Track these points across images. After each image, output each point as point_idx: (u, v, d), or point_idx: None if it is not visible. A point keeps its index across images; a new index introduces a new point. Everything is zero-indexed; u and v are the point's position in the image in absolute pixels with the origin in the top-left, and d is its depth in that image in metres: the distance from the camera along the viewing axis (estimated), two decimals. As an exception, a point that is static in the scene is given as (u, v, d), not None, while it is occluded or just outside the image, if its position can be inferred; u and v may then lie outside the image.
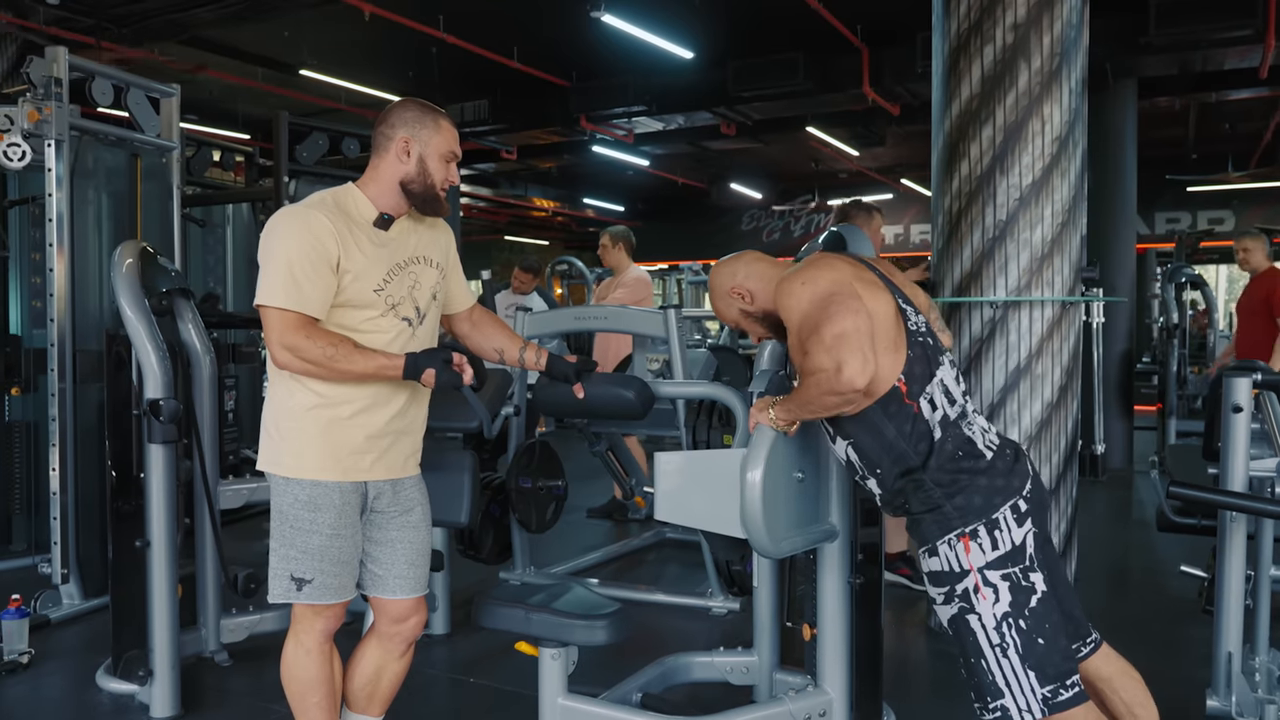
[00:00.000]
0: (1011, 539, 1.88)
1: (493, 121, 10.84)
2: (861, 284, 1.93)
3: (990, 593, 1.87)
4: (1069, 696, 1.85)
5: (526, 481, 3.76)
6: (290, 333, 1.98)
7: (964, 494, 1.89)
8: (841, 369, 1.83)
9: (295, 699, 2.18)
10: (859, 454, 2.01)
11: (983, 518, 1.88)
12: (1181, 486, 2.34)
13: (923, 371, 1.93)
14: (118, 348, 2.98)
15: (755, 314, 2.16)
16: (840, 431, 2.03)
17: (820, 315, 1.88)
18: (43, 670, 3.25)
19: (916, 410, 1.92)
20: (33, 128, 3.65)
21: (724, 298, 2.19)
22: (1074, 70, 3.34)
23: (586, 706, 2.23)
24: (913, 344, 1.94)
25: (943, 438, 1.92)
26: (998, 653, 1.87)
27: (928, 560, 1.96)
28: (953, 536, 1.90)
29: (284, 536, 2.08)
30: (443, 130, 2.13)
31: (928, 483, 1.91)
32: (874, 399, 1.92)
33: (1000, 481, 1.90)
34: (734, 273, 2.17)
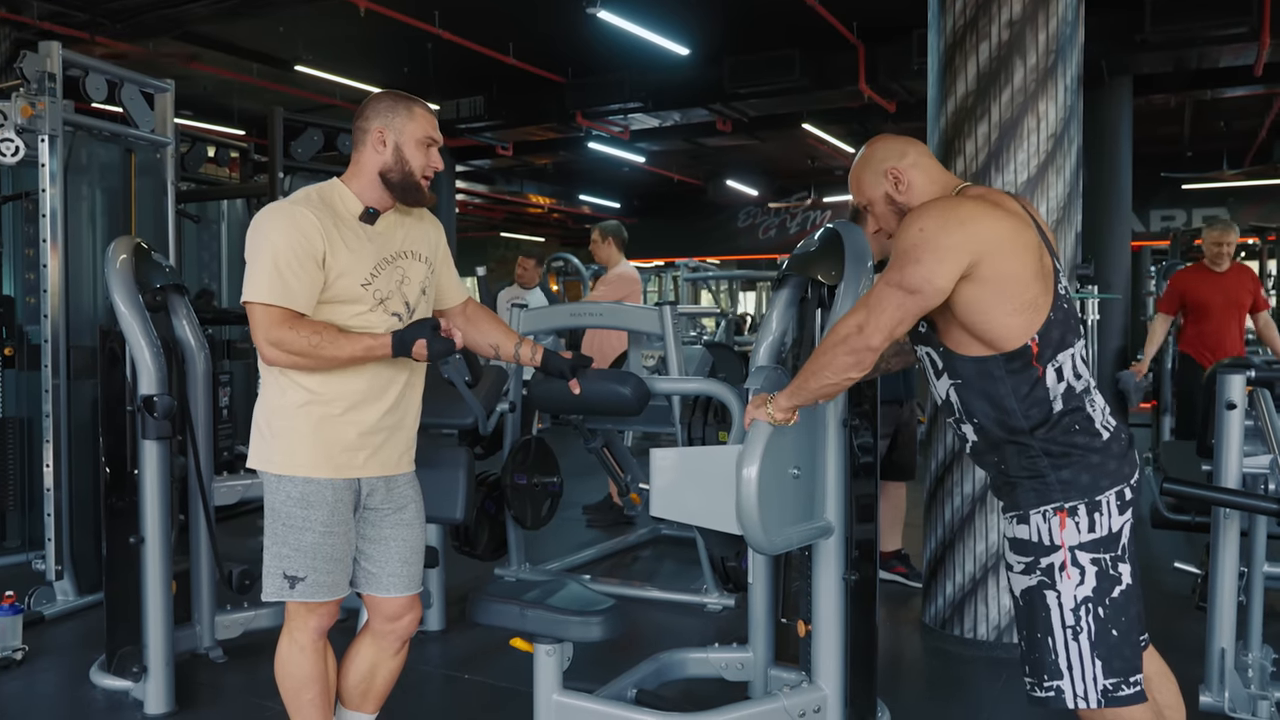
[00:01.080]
0: (1110, 525, 1.82)
1: (488, 118, 10.83)
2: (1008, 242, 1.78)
3: (1077, 573, 1.81)
4: (1130, 694, 1.81)
5: (522, 478, 3.76)
6: (275, 327, 1.97)
7: (1072, 469, 1.82)
8: (864, 327, 1.81)
9: (289, 696, 2.18)
10: (961, 397, 1.91)
11: (1086, 497, 1.81)
12: (1175, 483, 2.34)
13: (1059, 338, 1.83)
14: (112, 343, 2.97)
15: (897, 206, 1.97)
16: (950, 368, 1.91)
17: (896, 265, 1.80)
18: (36, 667, 3.24)
19: (1041, 374, 1.82)
20: (26, 123, 3.63)
21: (877, 172, 1.98)
22: (1069, 67, 3.34)
23: (581, 703, 2.23)
24: (1057, 307, 1.83)
25: (1062, 410, 1.83)
26: (1069, 634, 1.82)
27: (1014, 526, 1.88)
28: (1049, 509, 1.83)
29: (277, 534, 2.07)
30: (416, 116, 2.10)
31: (1035, 448, 1.84)
32: (999, 351, 1.82)
33: (1112, 465, 1.84)
34: (904, 154, 1.98)
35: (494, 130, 11.28)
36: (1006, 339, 1.81)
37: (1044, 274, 1.82)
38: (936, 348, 1.92)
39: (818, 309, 2.41)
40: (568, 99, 10.24)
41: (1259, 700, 2.50)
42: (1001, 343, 1.81)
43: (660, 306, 3.79)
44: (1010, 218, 1.82)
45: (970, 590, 3.38)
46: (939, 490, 3.48)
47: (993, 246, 1.78)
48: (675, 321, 3.76)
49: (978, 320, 1.81)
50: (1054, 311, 1.82)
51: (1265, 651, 2.62)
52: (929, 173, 1.97)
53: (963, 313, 1.82)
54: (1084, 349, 1.91)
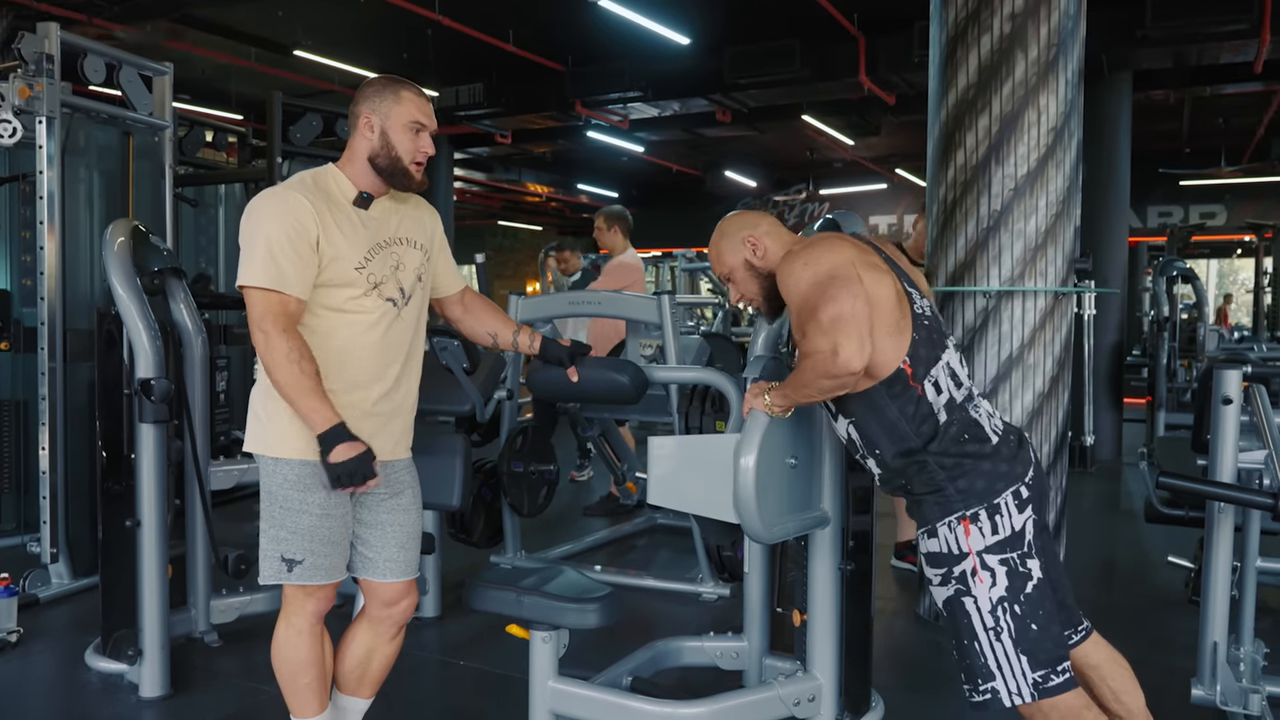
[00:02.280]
0: (1011, 524, 1.89)
1: (487, 105, 10.78)
2: (864, 266, 1.93)
3: (987, 576, 1.88)
4: (1060, 682, 1.87)
5: (519, 465, 3.76)
6: (270, 318, 1.97)
7: (967, 477, 1.90)
8: (838, 351, 1.84)
9: (285, 680, 2.18)
10: (860, 433, 2.01)
11: (984, 501, 1.89)
12: (1171, 478, 2.35)
13: (928, 354, 1.94)
14: (109, 326, 2.96)
15: (759, 271, 2.14)
16: (843, 410, 2.03)
17: (819, 297, 1.88)
18: (31, 649, 3.25)
19: (921, 393, 1.92)
20: (24, 104, 3.61)
21: (735, 242, 2.15)
22: (1071, 61, 3.34)
23: (577, 689, 2.24)
24: (918, 326, 1.94)
25: (948, 420, 1.92)
26: (991, 636, 1.88)
27: (926, 541, 1.97)
28: (953, 519, 1.91)
29: (273, 517, 2.07)
30: (403, 100, 2.09)
31: (931, 464, 1.92)
32: (877, 380, 1.92)
33: (1004, 467, 1.91)
34: (755, 224, 2.16)
35: (493, 118, 11.23)
36: (882, 365, 1.91)
37: (900, 296, 1.94)
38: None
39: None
40: (567, 87, 10.20)
41: (1250, 694, 2.51)
42: (878, 370, 1.91)
43: (658, 296, 3.79)
44: (857, 248, 1.98)
45: (964, 582, 3.39)
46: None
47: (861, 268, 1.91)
48: (673, 311, 3.76)
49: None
50: (916, 331, 1.93)
51: (1257, 646, 2.64)
52: (779, 239, 2.14)
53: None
54: (957, 358, 2.00)
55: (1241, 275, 20.93)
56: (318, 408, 1.97)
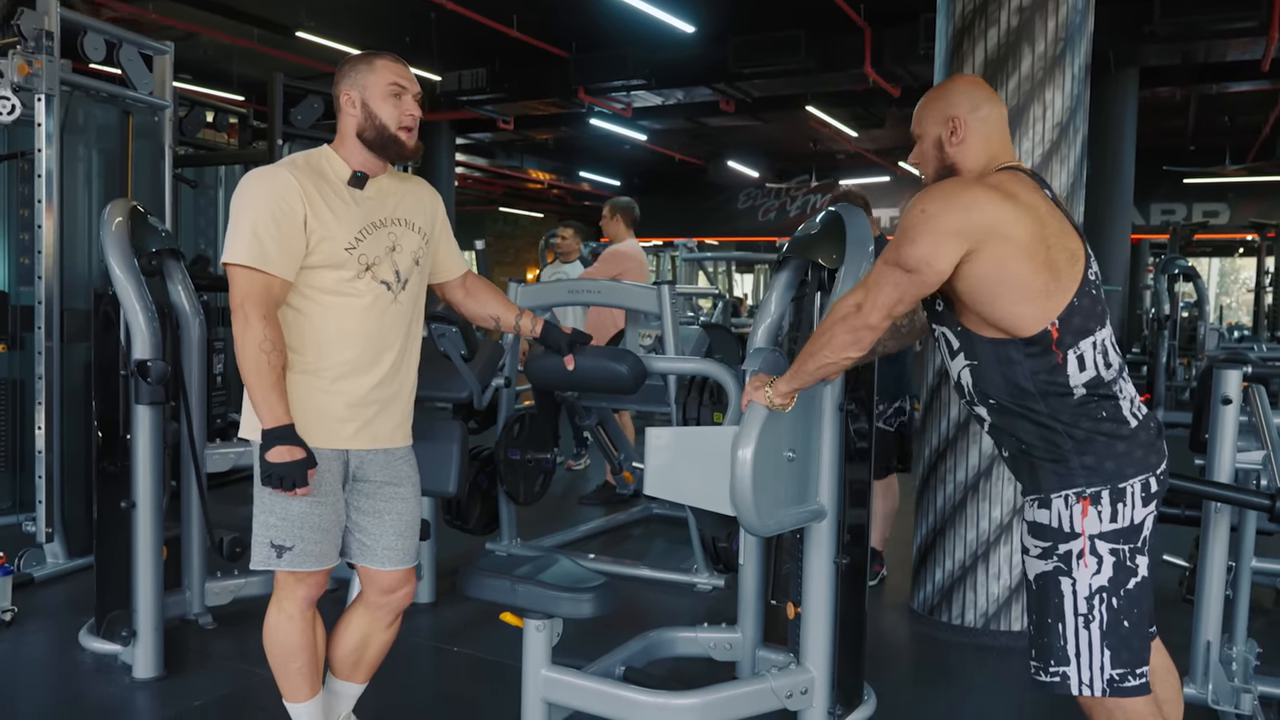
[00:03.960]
0: (1132, 515, 1.79)
1: (490, 90, 10.76)
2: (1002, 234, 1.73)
3: (1094, 562, 1.79)
4: (1135, 685, 1.81)
5: (515, 453, 3.75)
6: (252, 300, 1.95)
7: (1096, 454, 1.79)
8: (862, 306, 1.81)
9: (277, 664, 2.18)
10: (974, 379, 1.87)
11: (1110, 484, 1.79)
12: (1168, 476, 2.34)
13: (1082, 324, 1.78)
14: (106, 307, 2.95)
15: (944, 157, 1.92)
16: (966, 349, 1.87)
17: (895, 244, 1.78)
18: (25, 629, 3.25)
19: (1061, 361, 1.78)
20: (22, 81, 3.59)
21: (942, 113, 1.90)
22: (1077, 56, 3.32)
23: (570, 678, 2.23)
24: (1083, 293, 1.78)
25: (1085, 396, 1.79)
26: (1080, 622, 1.80)
27: (1035, 510, 1.86)
28: (1072, 494, 1.80)
29: (265, 503, 2.06)
30: (377, 68, 2.07)
31: (1060, 431, 1.80)
32: (1017, 335, 1.79)
33: (1139, 453, 1.80)
34: (977, 107, 1.89)
35: (495, 103, 11.21)
36: (1022, 326, 1.77)
37: (1059, 261, 1.76)
38: (954, 327, 1.88)
39: (817, 292, 2.40)
40: (571, 74, 10.17)
41: (1242, 694, 2.52)
42: (1017, 329, 1.78)
43: (658, 286, 3.78)
44: (1016, 207, 1.76)
45: (960, 577, 3.40)
46: (931, 477, 3.49)
47: (992, 235, 1.73)
48: (673, 301, 3.75)
49: (988, 310, 1.79)
50: (1078, 297, 1.77)
51: (1250, 645, 2.64)
52: (988, 138, 1.89)
53: (970, 300, 1.80)
54: (1112, 336, 1.87)
55: (1243, 274, 20.91)
56: (273, 403, 1.96)
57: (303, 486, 1.98)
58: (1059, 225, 1.80)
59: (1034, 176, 1.88)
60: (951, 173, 1.91)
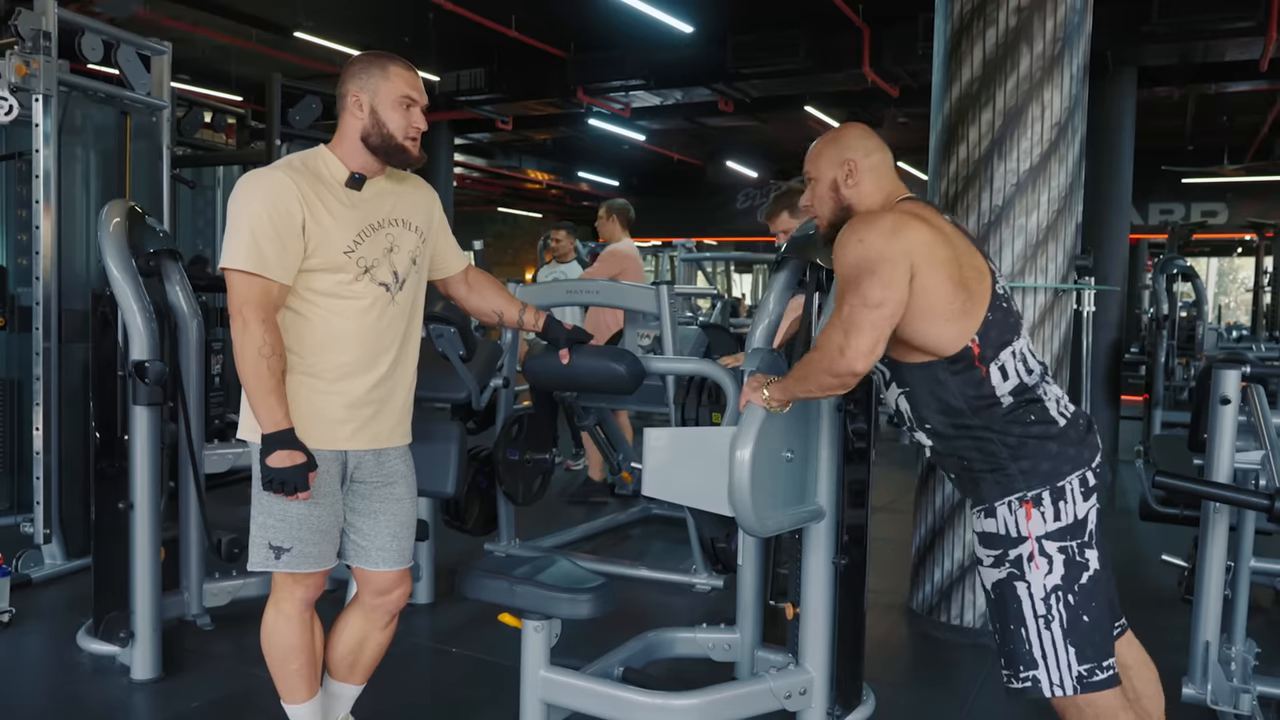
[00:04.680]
0: (1075, 511, 1.83)
1: (489, 90, 10.74)
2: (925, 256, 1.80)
3: (1044, 563, 1.83)
4: (1103, 678, 1.83)
5: (514, 453, 3.75)
6: (250, 305, 1.94)
7: (1031, 457, 1.84)
8: (845, 351, 1.80)
9: (275, 666, 2.18)
10: (911, 405, 1.94)
11: (1048, 484, 1.83)
12: (1167, 476, 2.34)
13: (1000, 336, 1.85)
14: (104, 308, 2.94)
15: (839, 199, 2.00)
16: (897, 378, 1.95)
17: (853, 283, 1.80)
18: (23, 630, 3.24)
19: (985, 374, 1.84)
20: (20, 82, 3.58)
21: (837, 157, 1.99)
22: (1076, 56, 3.32)
23: (568, 679, 2.23)
24: (995, 307, 1.85)
25: (1013, 404, 1.85)
26: (1040, 624, 1.83)
27: (982, 520, 1.90)
28: (1014, 500, 1.85)
29: (263, 504, 2.06)
30: (391, 76, 2.05)
31: (994, 440, 1.85)
32: (940, 356, 1.84)
33: (1071, 450, 1.85)
34: (869, 152, 1.99)
35: (494, 103, 11.19)
36: (945, 346, 1.84)
37: (970, 280, 1.84)
38: (882, 359, 1.94)
39: (815, 292, 2.40)
40: (569, 74, 10.16)
41: (1241, 694, 2.52)
42: (941, 349, 1.85)
43: (657, 286, 3.77)
44: (932, 230, 1.85)
45: (958, 577, 3.39)
46: (929, 478, 3.49)
47: (920, 257, 1.81)
48: (671, 301, 3.75)
49: (914, 333, 1.85)
50: (991, 312, 1.86)
51: (1249, 645, 2.64)
52: (880, 180, 2.00)
53: (900, 327, 1.84)
54: (1028, 343, 1.94)
55: (1241, 274, 20.93)
56: (272, 408, 1.95)
57: (303, 491, 1.97)
58: (965, 245, 1.89)
59: (931, 205, 1.98)
60: (848, 213, 1.99)
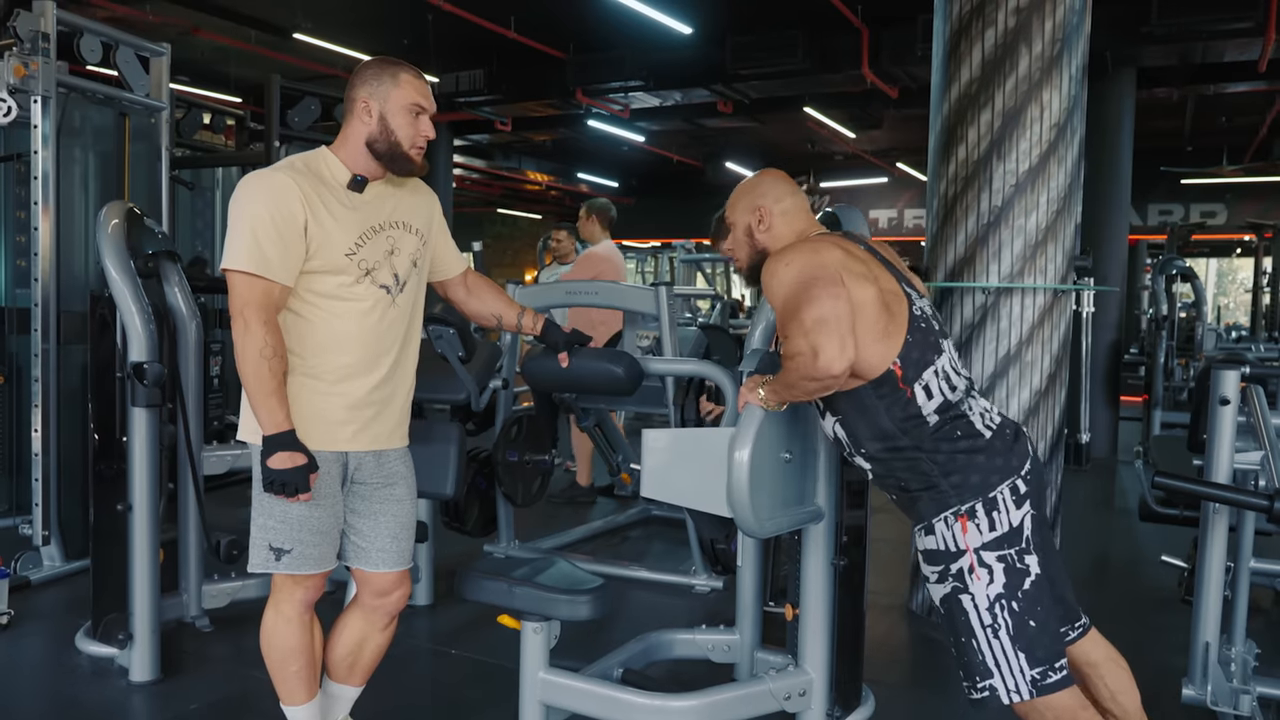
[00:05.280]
0: (1009, 520, 1.88)
1: (488, 92, 10.74)
2: (847, 271, 1.90)
3: (985, 573, 1.87)
4: (1057, 679, 1.87)
5: (513, 455, 3.75)
6: (252, 307, 1.94)
7: (960, 472, 1.89)
8: (818, 354, 1.82)
9: (274, 667, 2.17)
10: (846, 431, 2.01)
11: (979, 496, 1.88)
12: (1167, 477, 2.34)
13: (920, 357, 1.91)
14: (102, 309, 2.94)
15: (754, 243, 2.12)
16: (830, 408, 2.03)
17: (800, 298, 1.86)
18: (22, 631, 3.24)
19: (910, 395, 1.90)
20: (18, 83, 3.58)
21: (750, 204, 2.12)
22: (1075, 57, 3.32)
23: (567, 680, 2.23)
24: (914, 329, 1.92)
25: (939, 422, 1.91)
26: (989, 633, 1.87)
27: (923, 539, 1.95)
28: (949, 515, 1.89)
29: (263, 506, 2.06)
30: (402, 84, 2.05)
31: (924, 460, 1.91)
32: (865, 380, 1.91)
33: (999, 460, 1.90)
34: (780, 199, 2.10)
35: (493, 105, 11.19)
36: (870, 367, 1.89)
37: (889, 303, 1.91)
38: None
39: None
40: (568, 75, 10.16)
41: (1241, 695, 2.51)
42: (865, 372, 1.90)
43: (656, 287, 3.77)
44: (849, 255, 1.93)
45: (957, 578, 3.39)
46: (930, 478, 3.49)
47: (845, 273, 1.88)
48: (671, 302, 3.75)
49: None
50: (911, 334, 1.91)
51: (1249, 646, 2.63)
52: (793, 223, 2.09)
53: None
54: (951, 359, 1.98)
55: (1241, 275, 20.94)
56: (274, 409, 1.95)
57: (304, 493, 1.97)
58: (879, 269, 1.96)
59: (848, 236, 2.08)
60: (763, 256, 2.08)
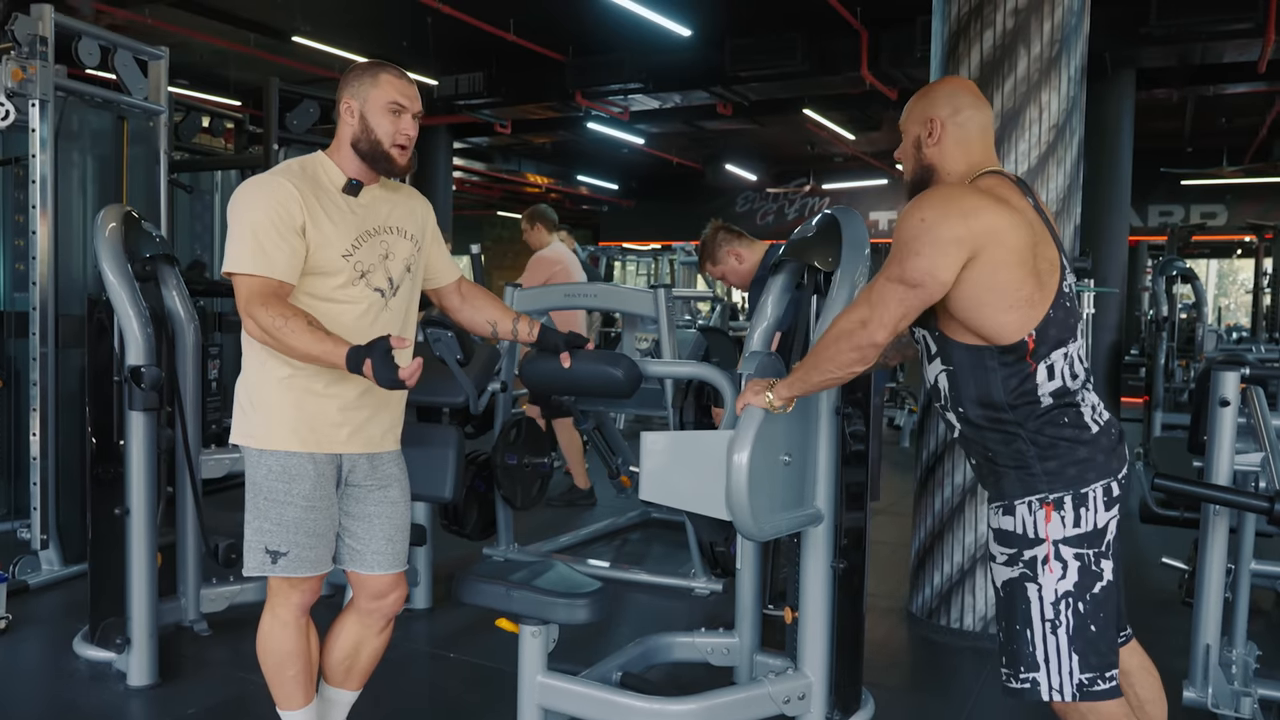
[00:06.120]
0: (1095, 520, 1.81)
1: (487, 94, 10.74)
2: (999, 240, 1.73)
3: (1058, 567, 1.80)
4: (1105, 689, 1.81)
5: (512, 458, 3.74)
6: (252, 300, 1.95)
7: (1059, 460, 1.81)
8: (867, 323, 1.79)
9: (271, 672, 2.17)
10: (950, 384, 1.89)
11: (1072, 489, 1.80)
12: (1167, 479, 2.33)
13: (1057, 336, 1.80)
14: (100, 313, 2.94)
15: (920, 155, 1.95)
16: (943, 353, 1.89)
17: (898, 256, 1.77)
18: (20, 636, 3.23)
19: (1033, 370, 1.80)
20: (16, 87, 3.58)
21: (923, 114, 1.93)
22: (1073, 58, 3.31)
23: (566, 684, 2.22)
24: (1058, 305, 1.80)
25: (1050, 405, 1.82)
26: (1047, 628, 1.81)
27: (999, 516, 1.87)
28: (1035, 500, 1.82)
29: (258, 509, 2.06)
30: (381, 82, 2.06)
31: (1023, 438, 1.82)
32: (995, 343, 1.80)
33: (1100, 458, 1.82)
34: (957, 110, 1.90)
35: (493, 107, 11.19)
36: (1001, 334, 1.79)
37: (1042, 271, 1.78)
38: (933, 331, 1.90)
39: (814, 295, 2.40)
40: (568, 78, 10.16)
41: (1242, 697, 2.51)
42: (997, 337, 1.79)
43: (655, 289, 3.77)
44: (1012, 214, 1.78)
45: (958, 581, 3.38)
46: (929, 480, 3.48)
47: (990, 242, 1.74)
48: (669, 305, 3.74)
49: (971, 316, 1.80)
50: (1054, 309, 1.79)
51: (1249, 648, 2.62)
52: (965, 142, 1.91)
53: (957, 307, 1.80)
54: (1082, 347, 1.89)
55: (1241, 276, 20.93)
56: (328, 350, 1.89)
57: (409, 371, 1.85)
58: (1043, 234, 1.82)
59: (1019, 183, 1.90)
60: (929, 173, 1.93)
